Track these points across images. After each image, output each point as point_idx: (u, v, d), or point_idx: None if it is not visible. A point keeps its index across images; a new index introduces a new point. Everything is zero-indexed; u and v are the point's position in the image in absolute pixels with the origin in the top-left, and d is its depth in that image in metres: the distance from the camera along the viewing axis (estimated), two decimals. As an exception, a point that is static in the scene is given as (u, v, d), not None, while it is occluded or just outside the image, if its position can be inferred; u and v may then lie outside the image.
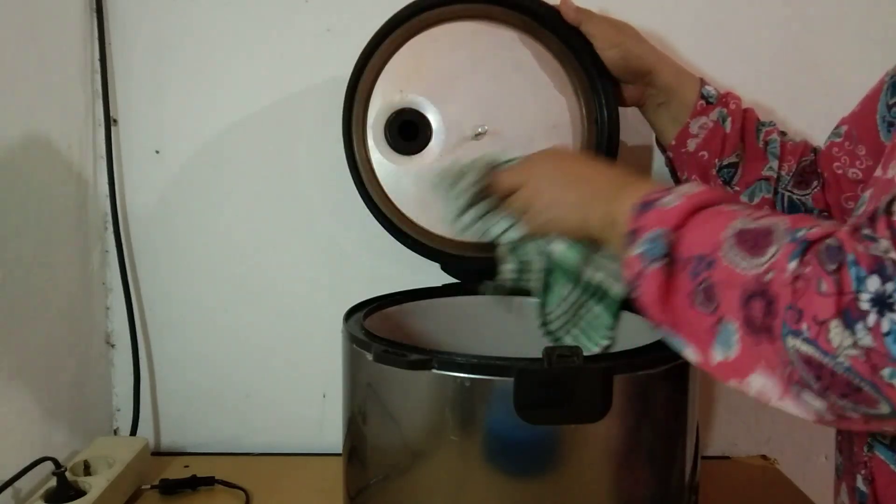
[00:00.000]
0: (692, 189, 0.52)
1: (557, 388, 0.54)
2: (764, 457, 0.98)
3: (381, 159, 0.81)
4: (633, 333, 0.69)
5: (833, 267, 0.41)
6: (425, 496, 0.59)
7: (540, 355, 0.54)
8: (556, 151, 0.70)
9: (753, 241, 0.46)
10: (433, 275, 0.83)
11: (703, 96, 0.78)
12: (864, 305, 0.39)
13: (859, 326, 0.39)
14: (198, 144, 0.91)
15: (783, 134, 0.79)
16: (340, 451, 0.68)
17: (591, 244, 0.65)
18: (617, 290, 0.65)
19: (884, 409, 0.41)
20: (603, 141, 0.83)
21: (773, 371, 0.44)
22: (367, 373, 0.61)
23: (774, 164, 0.77)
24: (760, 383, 0.46)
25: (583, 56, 0.81)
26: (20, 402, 0.76)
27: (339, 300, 0.73)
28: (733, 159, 0.77)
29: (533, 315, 0.72)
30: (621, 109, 0.84)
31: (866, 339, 0.39)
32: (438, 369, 0.55)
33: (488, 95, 0.82)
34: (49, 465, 0.73)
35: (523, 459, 0.56)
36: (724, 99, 0.78)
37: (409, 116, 0.81)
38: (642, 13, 0.90)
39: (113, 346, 0.95)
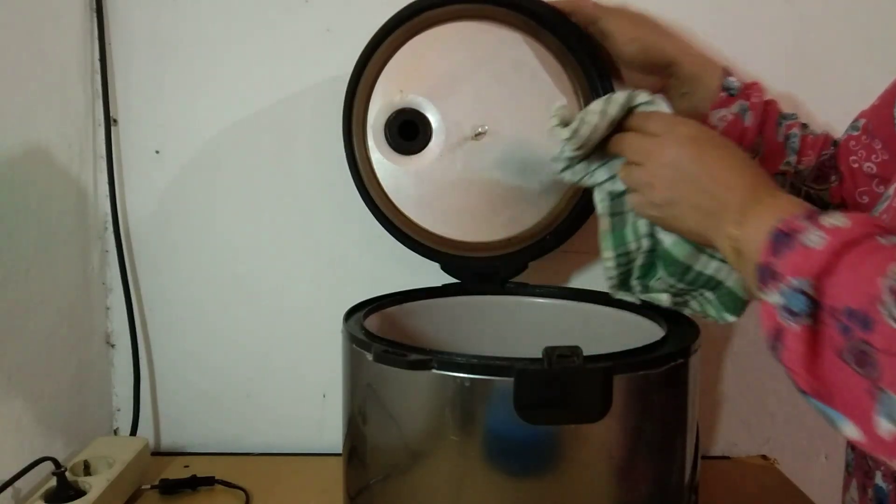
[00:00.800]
0: (839, 222, 0.44)
1: (557, 388, 0.54)
2: (764, 457, 0.98)
3: (381, 159, 0.82)
4: (634, 333, 0.69)
5: None
6: (425, 496, 0.59)
7: (540, 355, 0.54)
8: (697, 132, 0.59)
9: None
10: (433, 275, 0.83)
11: (724, 87, 0.76)
12: None
13: None
14: (198, 144, 0.91)
15: (805, 127, 0.77)
16: (340, 451, 0.68)
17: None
18: (732, 283, 0.63)
19: None
20: (603, 141, 0.83)
21: None
22: (367, 373, 0.61)
23: (792, 158, 0.75)
24: None
25: (583, 56, 0.81)
26: (20, 401, 0.76)
27: (339, 300, 0.73)
28: (751, 153, 0.73)
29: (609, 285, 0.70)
30: (621, 109, 0.84)
31: None
32: (438, 369, 0.55)
33: (488, 95, 0.82)
34: (49, 465, 0.73)
35: (523, 459, 0.56)
36: (747, 91, 0.76)
37: (409, 116, 0.81)
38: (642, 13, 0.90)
39: (113, 346, 0.95)
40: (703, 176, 0.56)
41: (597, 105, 0.63)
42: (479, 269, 0.83)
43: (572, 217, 0.82)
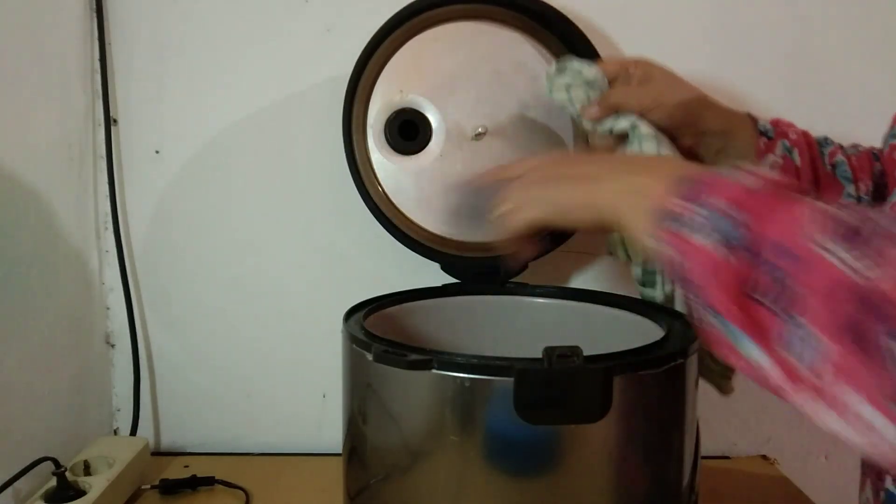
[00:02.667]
0: (763, 169, 0.44)
1: (557, 388, 0.54)
2: (764, 457, 0.98)
3: (381, 159, 0.82)
4: (634, 333, 0.69)
5: None
6: (425, 496, 0.59)
7: (540, 355, 0.54)
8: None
9: (847, 231, 0.38)
10: (433, 275, 0.83)
11: (761, 132, 0.71)
12: None
13: None
14: (198, 144, 0.91)
15: (843, 149, 0.74)
16: (340, 451, 0.68)
17: None
18: None
19: None
20: (603, 141, 0.83)
21: (886, 398, 0.36)
22: (367, 373, 0.60)
23: (851, 188, 0.71)
24: (858, 409, 0.37)
25: (583, 56, 0.81)
26: (20, 402, 0.76)
27: (339, 300, 0.73)
28: (812, 192, 0.70)
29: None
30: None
31: None
32: (438, 369, 0.55)
33: (488, 95, 0.82)
34: (49, 465, 0.73)
35: (523, 459, 0.56)
36: (781, 130, 0.72)
37: (409, 116, 0.81)
38: (642, 13, 0.90)
39: (113, 346, 0.95)
40: (623, 165, 0.54)
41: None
42: (479, 269, 0.83)
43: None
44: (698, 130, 0.70)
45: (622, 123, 0.69)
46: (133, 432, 0.93)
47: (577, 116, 0.71)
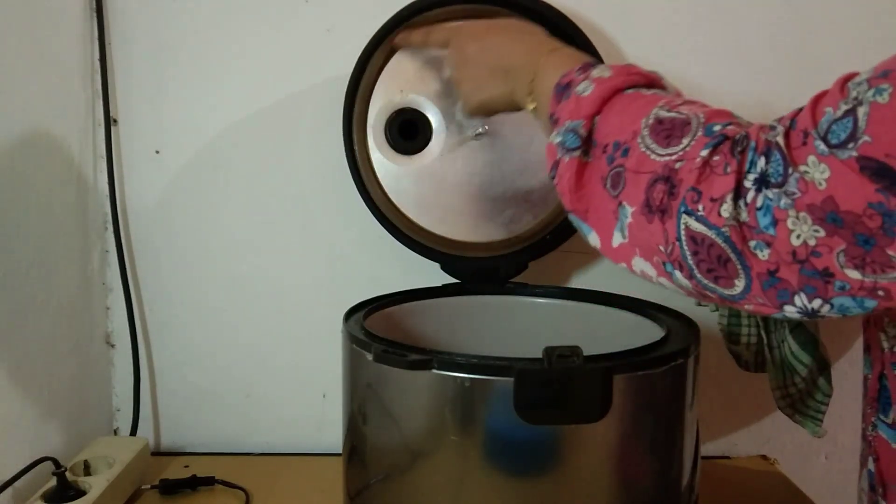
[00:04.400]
0: (605, 73, 0.55)
1: (557, 388, 0.54)
2: (764, 457, 0.98)
3: (382, 159, 0.82)
4: (634, 333, 0.69)
5: (738, 151, 0.45)
6: (425, 496, 0.59)
7: (540, 355, 0.54)
8: (479, 25, 0.73)
9: (669, 131, 0.49)
10: (433, 275, 0.83)
11: None
12: (748, 184, 0.44)
13: (741, 202, 0.44)
14: (198, 144, 0.91)
15: None
16: (340, 451, 0.68)
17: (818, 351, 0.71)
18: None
19: (739, 284, 0.45)
20: (603, 141, 0.83)
21: (651, 256, 0.49)
22: (367, 373, 0.61)
23: None
24: (640, 266, 0.51)
25: (583, 56, 0.81)
26: (20, 402, 0.76)
27: (339, 300, 0.73)
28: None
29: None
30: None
31: (743, 214, 0.44)
32: (438, 369, 0.55)
33: (488, 95, 0.82)
34: (49, 465, 0.73)
35: (523, 459, 0.56)
36: None
37: (409, 116, 0.81)
38: (642, 14, 0.90)
39: (113, 346, 0.95)
40: (492, 53, 0.67)
41: None
42: (479, 269, 0.83)
43: (572, 217, 0.82)
44: None
45: None
46: (133, 432, 0.93)
47: None
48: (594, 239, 0.54)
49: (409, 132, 0.81)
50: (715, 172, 0.45)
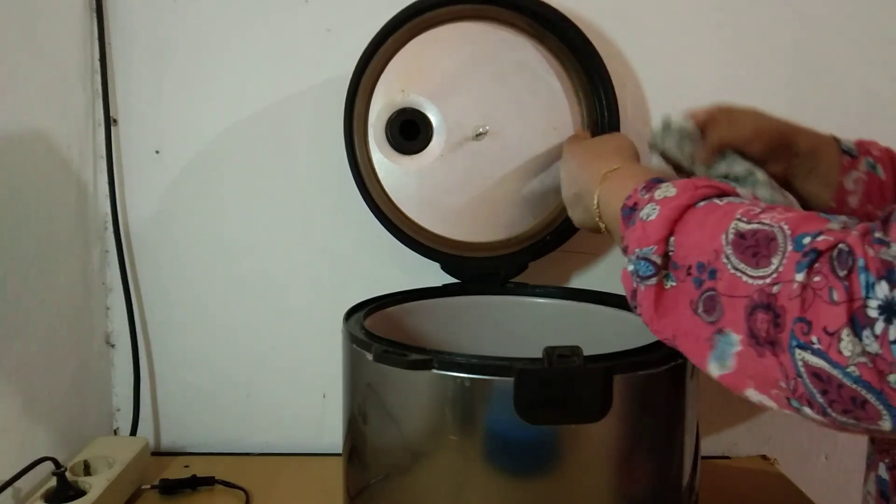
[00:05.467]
0: (669, 192, 0.53)
1: (557, 388, 0.54)
2: (764, 457, 0.98)
3: (382, 159, 0.82)
4: (634, 333, 0.69)
5: (844, 273, 0.40)
6: (425, 496, 0.59)
7: (540, 355, 0.54)
8: (573, 147, 0.73)
9: (755, 249, 0.45)
10: (433, 275, 0.83)
11: (844, 151, 0.72)
12: (872, 312, 0.38)
13: (867, 333, 0.38)
14: (198, 144, 0.91)
15: None
16: (340, 451, 0.68)
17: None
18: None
19: (885, 425, 0.40)
20: (603, 141, 0.83)
21: (769, 389, 0.45)
22: (367, 373, 0.61)
23: None
24: (757, 398, 0.46)
25: (583, 57, 0.81)
26: (20, 402, 0.76)
27: (339, 300, 0.73)
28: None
29: None
30: (621, 109, 0.84)
31: (873, 346, 0.38)
32: (438, 369, 0.55)
33: (489, 96, 0.82)
34: (49, 465, 0.73)
35: (523, 459, 0.56)
36: (865, 147, 0.73)
37: (410, 116, 0.81)
38: (642, 14, 0.90)
39: (113, 346, 0.95)
40: (568, 177, 0.70)
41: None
42: (479, 269, 0.83)
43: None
44: (790, 153, 0.71)
45: (737, 168, 0.69)
46: (133, 432, 0.93)
47: (689, 166, 0.71)
48: (692, 362, 0.51)
49: (409, 132, 0.81)
50: (820, 298, 0.40)
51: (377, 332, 0.64)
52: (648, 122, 0.91)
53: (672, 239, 0.51)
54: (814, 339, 0.40)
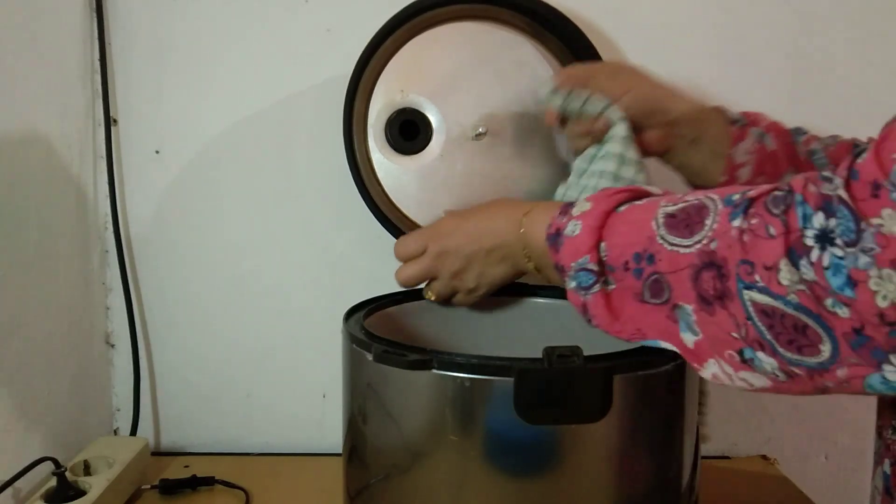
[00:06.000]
0: (584, 206, 0.55)
1: (557, 388, 0.54)
2: (764, 457, 0.98)
3: (382, 159, 0.81)
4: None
5: (781, 209, 0.42)
6: (425, 496, 0.59)
7: (540, 355, 0.54)
8: (451, 220, 0.71)
9: (686, 221, 0.47)
10: (433, 275, 0.83)
11: (733, 121, 0.71)
12: (809, 241, 0.40)
13: (803, 262, 0.40)
14: (198, 144, 0.91)
15: (819, 139, 0.73)
16: (340, 451, 0.68)
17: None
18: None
19: (825, 348, 0.41)
20: (603, 141, 0.83)
21: (723, 349, 0.46)
22: (367, 373, 0.60)
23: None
24: (712, 369, 0.48)
25: (583, 57, 0.81)
26: (20, 402, 0.76)
27: (339, 300, 0.73)
28: (788, 178, 0.72)
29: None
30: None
31: (810, 274, 0.40)
32: (438, 369, 0.55)
33: (489, 96, 0.82)
34: (49, 465, 0.73)
35: (523, 459, 0.56)
36: (753, 118, 0.72)
37: (409, 116, 0.81)
38: (642, 13, 0.90)
39: (113, 346, 0.95)
40: (474, 240, 0.67)
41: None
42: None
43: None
44: (669, 119, 0.71)
45: (595, 105, 0.69)
46: (133, 432, 0.93)
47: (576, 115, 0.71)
48: (669, 347, 0.52)
49: (409, 132, 0.81)
50: (758, 236, 0.42)
51: (377, 332, 0.64)
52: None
53: (603, 244, 0.53)
54: (757, 277, 0.42)
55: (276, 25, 0.89)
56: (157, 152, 0.91)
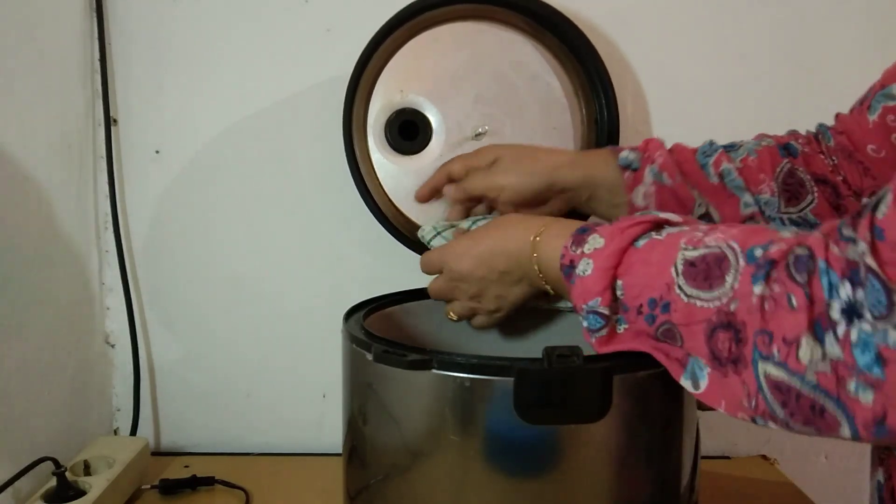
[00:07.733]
0: (598, 243, 0.53)
1: (557, 388, 0.54)
2: (764, 457, 0.98)
3: (382, 159, 0.82)
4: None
5: (803, 278, 0.38)
6: (425, 496, 0.59)
7: (540, 355, 0.54)
8: (465, 242, 0.67)
9: (706, 272, 0.45)
10: (433, 275, 0.83)
11: (623, 167, 0.70)
12: (835, 315, 0.37)
13: (829, 337, 0.37)
14: (198, 144, 0.91)
15: (729, 151, 0.70)
16: (340, 451, 0.68)
17: None
18: None
19: (845, 432, 0.38)
20: (603, 141, 0.83)
21: (736, 410, 0.44)
22: (367, 373, 0.60)
23: (747, 196, 0.68)
24: (729, 413, 0.46)
25: (583, 57, 0.81)
26: (20, 402, 0.76)
27: (339, 300, 0.73)
28: (700, 210, 0.69)
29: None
30: (621, 109, 0.84)
31: (835, 351, 0.37)
32: (438, 369, 0.55)
33: (489, 95, 0.82)
34: (49, 465, 0.73)
35: (523, 459, 0.56)
36: (646, 155, 0.70)
37: (409, 116, 0.81)
38: (642, 14, 0.90)
39: (113, 346, 0.95)
40: (485, 264, 0.63)
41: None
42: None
43: (571, 217, 0.81)
44: (558, 190, 0.71)
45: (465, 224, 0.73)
46: (133, 432, 0.93)
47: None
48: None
49: (409, 132, 0.81)
50: (780, 307, 0.39)
51: (377, 332, 0.64)
52: (648, 122, 0.91)
53: (619, 282, 0.51)
54: (774, 349, 0.39)
55: (275, 25, 0.89)
56: (156, 152, 0.91)
